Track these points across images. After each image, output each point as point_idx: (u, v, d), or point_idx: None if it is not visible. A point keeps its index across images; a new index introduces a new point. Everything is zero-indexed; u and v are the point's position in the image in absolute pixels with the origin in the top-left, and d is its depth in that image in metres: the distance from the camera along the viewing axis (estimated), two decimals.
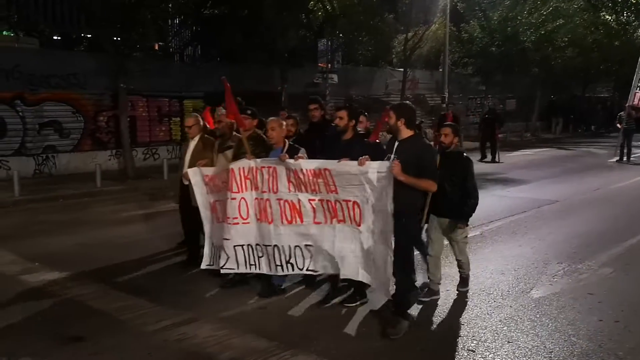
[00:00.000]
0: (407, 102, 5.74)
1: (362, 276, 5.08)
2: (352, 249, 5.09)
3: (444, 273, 6.46)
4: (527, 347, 4.60)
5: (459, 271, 5.95)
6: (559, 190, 12.44)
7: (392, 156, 4.81)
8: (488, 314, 5.31)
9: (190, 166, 6.31)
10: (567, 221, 9.40)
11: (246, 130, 5.88)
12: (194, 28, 21.90)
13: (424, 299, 5.59)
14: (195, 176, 6.13)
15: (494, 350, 4.56)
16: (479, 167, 15.97)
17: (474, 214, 5.58)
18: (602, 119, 32.43)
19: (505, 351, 4.54)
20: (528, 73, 26.16)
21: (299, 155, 5.39)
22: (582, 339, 4.73)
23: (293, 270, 5.47)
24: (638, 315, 5.29)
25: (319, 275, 5.71)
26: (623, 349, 4.56)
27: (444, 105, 22.66)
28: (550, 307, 5.46)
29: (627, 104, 17.59)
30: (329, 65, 18.70)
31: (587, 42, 27.62)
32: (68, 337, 4.82)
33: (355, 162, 4.88)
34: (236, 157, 5.84)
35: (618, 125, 18.05)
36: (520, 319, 5.18)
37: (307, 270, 5.42)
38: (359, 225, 5.02)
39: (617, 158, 17.59)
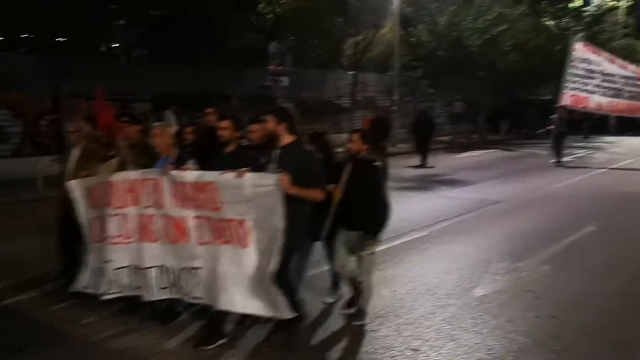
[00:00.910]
0: (286, 105, 5.53)
1: (247, 307, 4.54)
2: (237, 273, 4.55)
3: (391, 274, 6.59)
4: (469, 345, 4.72)
5: (354, 292, 5.34)
6: (504, 190, 12.80)
7: (274, 166, 4.52)
8: (432, 313, 5.41)
9: (72, 177, 5.61)
10: (511, 220, 9.69)
11: (129, 138, 5.45)
12: (142, 29, 21.51)
13: (346, 312, 5.27)
14: (77, 189, 5.47)
15: (437, 348, 4.66)
16: (425, 170, 16.36)
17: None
18: (540, 121, 33.44)
19: (448, 349, 4.65)
20: (474, 76, 26.79)
21: (186, 166, 4.93)
22: (521, 335, 4.88)
23: (180, 295, 4.91)
24: (573, 311, 5.49)
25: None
26: (559, 343, 4.73)
27: (394, 108, 23.06)
28: (492, 304, 5.61)
29: (557, 106, 17.83)
30: (280, 67, 18.71)
31: (530, 47, 28.51)
32: (7, 347, 4.67)
33: (233, 175, 4.49)
34: (121, 167, 5.31)
35: (550, 127, 18.25)
36: (463, 317, 5.31)
37: (192, 297, 4.83)
38: (246, 247, 4.53)
39: (554, 160, 17.62)
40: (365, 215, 4.96)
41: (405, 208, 10.64)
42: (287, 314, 4.41)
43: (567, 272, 6.74)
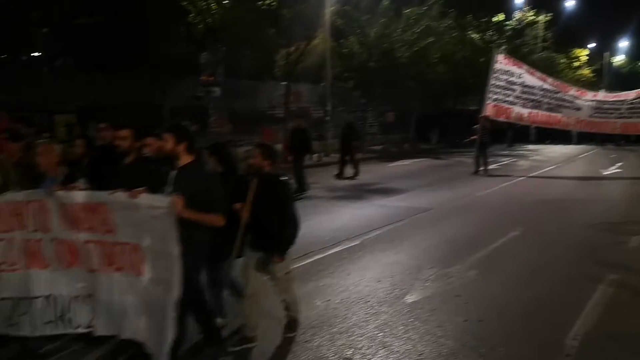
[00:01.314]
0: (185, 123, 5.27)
1: (142, 336, 4.29)
2: (132, 302, 4.29)
3: (325, 283, 6.63)
4: (400, 351, 4.81)
5: (286, 313, 5.16)
6: (434, 198, 13.16)
7: (171, 188, 4.28)
8: (365, 321, 5.48)
9: None
10: (440, 227, 9.97)
11: (11, 156, 5.06)
12: (67, 38, 20.77)
13: (233, 349, 4.79)
14: None
15: (369, 356, 4.73)
16: (358, 179, 16.56)
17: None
18: (467, 131, 34.68)
19: (380, 357, 4.72)
20: (405, 87, 27.50)
21: (75, 185, 4.56)
22: (450, 340, 5.03)
23: (70, 327, 4.52)
24: (499, 314, 5.71)
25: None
26: (485, 346, 4.90)
27: (327, 118, 23.27)
28: (422, 310, 5.75)
29: (479, 116, 18.25)
30: (212, 78, 18.53)
31: (456, 58, 29.64)
32: None
33: (126, 195, 4.19)
34: (3, 188, 4.87)
35: (473, 137, 18.30)
36: (395, 324, 5.40)
37: (85, 328, 4.49)
38: (140, 274, 4.23)
39: (479, 169, 17.60)
40: (274, 234, 4.72)
41: (339, 217, 10.82)
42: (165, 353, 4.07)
43: (493, 276, 6.99)
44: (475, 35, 31.96)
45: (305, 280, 6.74)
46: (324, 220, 10.60)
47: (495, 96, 17.70)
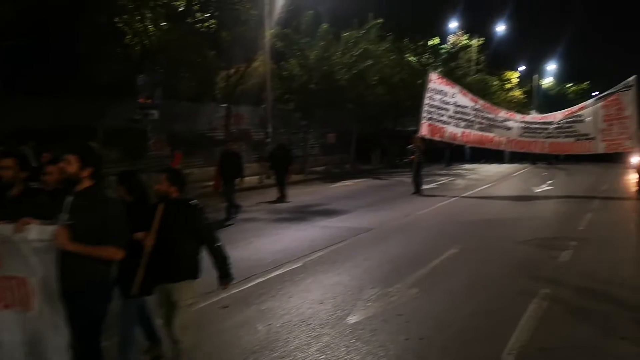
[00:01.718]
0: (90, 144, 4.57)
1: None
2: (21, 341, 3.87)
3: (267, 307, 6.55)
4: None
5: (172, 347, 4.60)
6: (375, 217, 13.32)
7: (66, 216, 3.83)
8: (307, 344, 5.43)
9: None
10: (381, 247, 10.07)
11: None
12: None
13: None
14: None
15: None
16: (301, 200, 16.57)
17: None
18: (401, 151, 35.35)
19: None
20: (345, 108, 27.89)
21: None
22: (392, 359, 5.04)
23: None
24: (439, 331, 5.78)
25: None
26: None
27: (268, 140, 23.25)
28: (364, 331, 5.75)
29: (414, 136, 18.39)
30: (149, 100, 18.18)
31: (394, 81, 30.37)
32: None
33: (10, 226, 3.76)
34: None
35: (410, 158, 18.34)
36: (337, 345, 5.38)
37: None
38: (29, 309, 3.84)
39: (414, 191, 17.69)
40: (182, 263, 4.44)
41: (281, 240, 10.77)
42: None
43: (433, 294, 7.10)
44: (412, 58, 32.92)
45: (246, 305, 6.66)
46: (266, 242, 10.53)
47: (429, 115, 17.89)
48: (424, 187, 18.43)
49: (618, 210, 14.51)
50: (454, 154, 31.84)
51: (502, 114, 18.83)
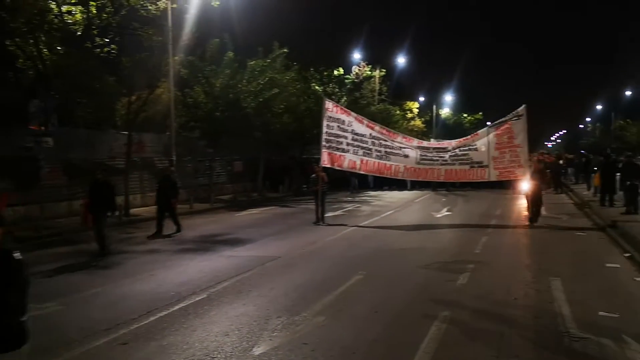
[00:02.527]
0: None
1: None
2: None
3: (169, 342, 6.30)
4: None
5: None
6: (282, 246, 13.29)
7: None
8: None
9: None
10: (288, 275, 10.03)
11: None
12: None
13: None
14: None
15: None
16: (207, 229, 16.24)
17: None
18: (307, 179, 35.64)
19: None
20: (252, 136, 27.83)
21: None
22: None
23: None
24: (345, 358, 5.81)
25: None
26: None
27: (172, 169, 22.66)
28: None
29: (317, 165, 18.00)
30: (43, 127, 17.19)
31: (300, 109, 30.77)
32: None
33: None
34: None
35: (315, 188, 17.91)
36: None
37: None
38: None
39: (322, 216, 17.44)
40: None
41: (185, 271, 10.47)
42: None
43: (338, 320, 7.15)
44: (317, 88, 33.52)
45: (147, 340, 6.39)
46: (168, 275, 10.20)
47: (328, 144, 17.54)
48: (330, 214, 18.60)
49: (510, 234, 15.39)
50: (360, 181, 32.48)
51: (399, 138, 18.79)
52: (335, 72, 37.02)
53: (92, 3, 17.95)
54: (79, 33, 18.19)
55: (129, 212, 19.81)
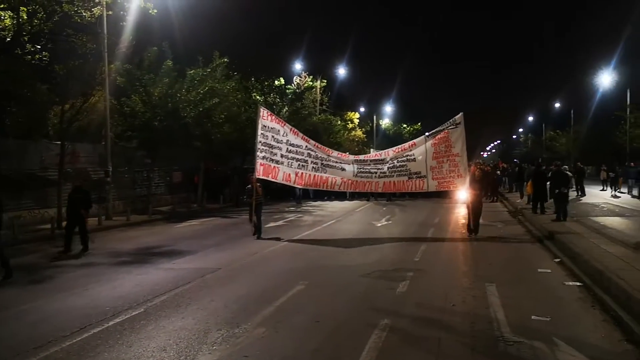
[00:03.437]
0: None
1: None
2: None
3: (103, 359, 6.08)
4: None
5: None
6: (223, 257, 13.11)
7: None
8: None
9: None
10: (229, 287, 9.89)
11: None
12: None
13: None
14: None
15: None
16: (144, 241, 15.81)
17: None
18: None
19: None
20: (191, 146, 27.40)
21: None
22: None
23: None
24: None
25: None
26: None
27: (108, 179, 22.07)
28: None
29: (252, 176, 16.91)
30: None
31: (241, 119, 30.56)
32: None
33: None
34: None
35: (246, 198, 17.11)
36: None
37: None
38: None
39: (259, 228, 16.60)
40: None
41: (121, 285, 10.16)
42: None
43: (280, 331, 7.09)
44: (259, 97, 33.38)
45: (80, 357, 6.14)
46: (104, 289, 9.86)
47: (262, 154, 16.58)
48: (272, 224, 18.49)
49: (449, 242, 15.74)
50: (304, 191, 32.46)
51: (335, 154, 18.28)
52: (277, 82, 37.02)
53: (22, 9, 17.20)
54: (8, 39, 17.38)
55: (62, 224, 19.04)
